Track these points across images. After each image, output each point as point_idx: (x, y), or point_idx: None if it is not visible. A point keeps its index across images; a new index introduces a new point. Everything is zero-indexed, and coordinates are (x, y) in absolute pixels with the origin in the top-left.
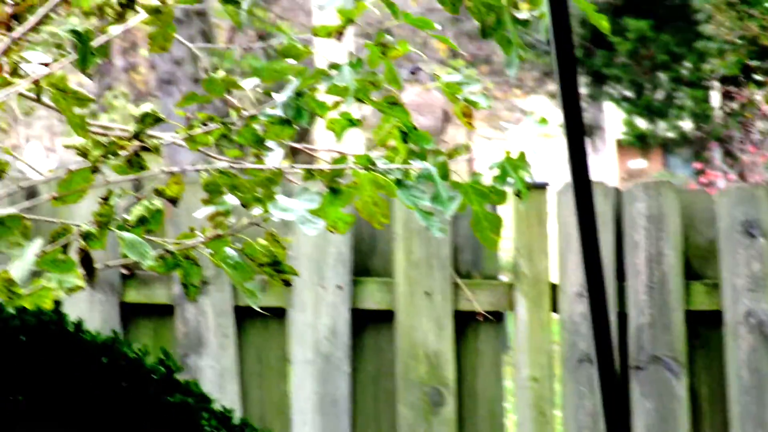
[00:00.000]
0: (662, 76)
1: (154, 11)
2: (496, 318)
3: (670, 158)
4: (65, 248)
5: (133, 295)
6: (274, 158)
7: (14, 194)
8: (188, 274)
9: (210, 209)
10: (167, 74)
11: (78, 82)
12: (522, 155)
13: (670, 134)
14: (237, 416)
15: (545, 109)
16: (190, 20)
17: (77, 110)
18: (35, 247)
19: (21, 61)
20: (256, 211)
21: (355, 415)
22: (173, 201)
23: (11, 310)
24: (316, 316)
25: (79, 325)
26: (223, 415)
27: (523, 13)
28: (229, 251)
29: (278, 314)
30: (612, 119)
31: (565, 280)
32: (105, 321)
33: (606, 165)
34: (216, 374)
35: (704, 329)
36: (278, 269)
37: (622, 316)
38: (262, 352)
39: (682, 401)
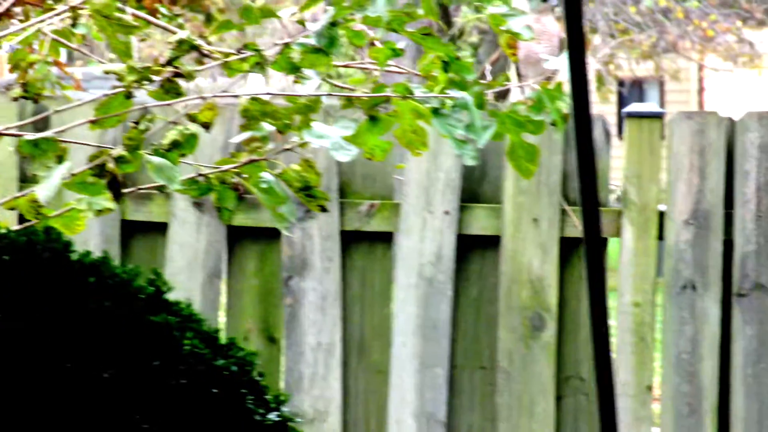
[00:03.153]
0: None
1: None
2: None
3: None
4: (101, 171)
5: (241, 219)
6: (311, 86)
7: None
8: (222, 198)
9: (246, 135)
10: None
11: None
12: (559, 86)
13: None
14: (223, 337)
15: None
16: None
17: (122, 37)
18: (63, 169)
19: None
20: (296, 137)
21: (456, 338)
22: (206, 126)
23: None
24: (422, 241)
25: (67, 244)
26: (209, 335)
27: None
28: (265, 176)
29: (384, 238)
30: None
31: (672, 208)
32: (211, 243)
33: None
34: (318, 296)
35: None
36: (310, 194)
37: (728, 244)
38: (366, 275)
39: None
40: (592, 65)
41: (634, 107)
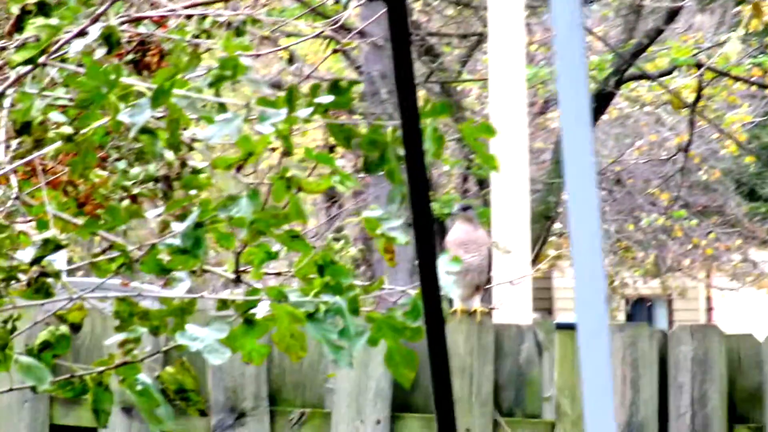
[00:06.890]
0: None
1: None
2: None
3: None
4: None
5: (61, 417)
6: (182, 288)
7: None
8: (99, 400)
9: (120, 336)
10: None
11: None
12: None
13: None
14: None
15: None
16: None
17: None
18: None
19: None
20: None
21: None
22: (76, 328)
23: None
24: None
25: None
26: None
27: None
28: (142, 377)
29: None
30: None
31: None
32: None
33: None
34: None
35: None
36: (184, 397)
37: None
38: None
39: None
40: None
41: (564, 318)
